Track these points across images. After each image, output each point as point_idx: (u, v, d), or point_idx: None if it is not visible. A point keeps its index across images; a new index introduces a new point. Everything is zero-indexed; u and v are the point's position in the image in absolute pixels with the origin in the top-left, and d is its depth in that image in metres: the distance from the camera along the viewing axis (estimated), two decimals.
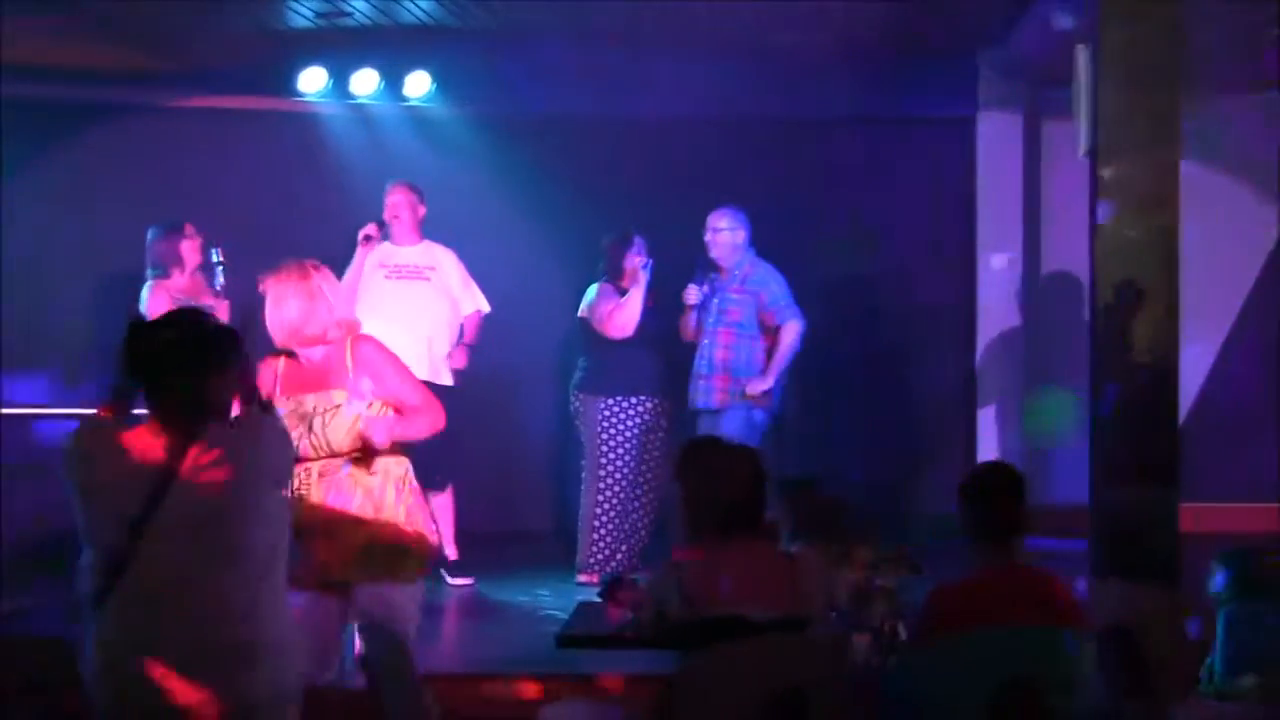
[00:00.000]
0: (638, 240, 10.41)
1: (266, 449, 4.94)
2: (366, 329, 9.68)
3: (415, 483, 6.70)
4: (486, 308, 10.67)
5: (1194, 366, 11.35)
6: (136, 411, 4.87)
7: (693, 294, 10.31)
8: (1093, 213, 7.57)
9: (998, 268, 12.26)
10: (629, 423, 10.30)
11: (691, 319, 10.39)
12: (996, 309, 12.24)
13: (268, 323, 6.59)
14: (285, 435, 5.20)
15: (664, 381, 10.40)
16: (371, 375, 6.57)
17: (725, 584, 5.35)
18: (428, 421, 6.60)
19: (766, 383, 10.12)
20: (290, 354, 6.59)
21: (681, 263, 10.39)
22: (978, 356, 12.25)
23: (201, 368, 4.84)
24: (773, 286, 10.25)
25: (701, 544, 5.50)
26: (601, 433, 10.31)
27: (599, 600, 6.19)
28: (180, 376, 4.81)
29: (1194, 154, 10.24)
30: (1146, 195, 7.48)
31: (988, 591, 5.63)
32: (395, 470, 6.62)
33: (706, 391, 10.23)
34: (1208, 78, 10.44)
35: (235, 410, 4.95)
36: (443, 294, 10.51)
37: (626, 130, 11.75)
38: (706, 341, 10.28)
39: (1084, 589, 6.64)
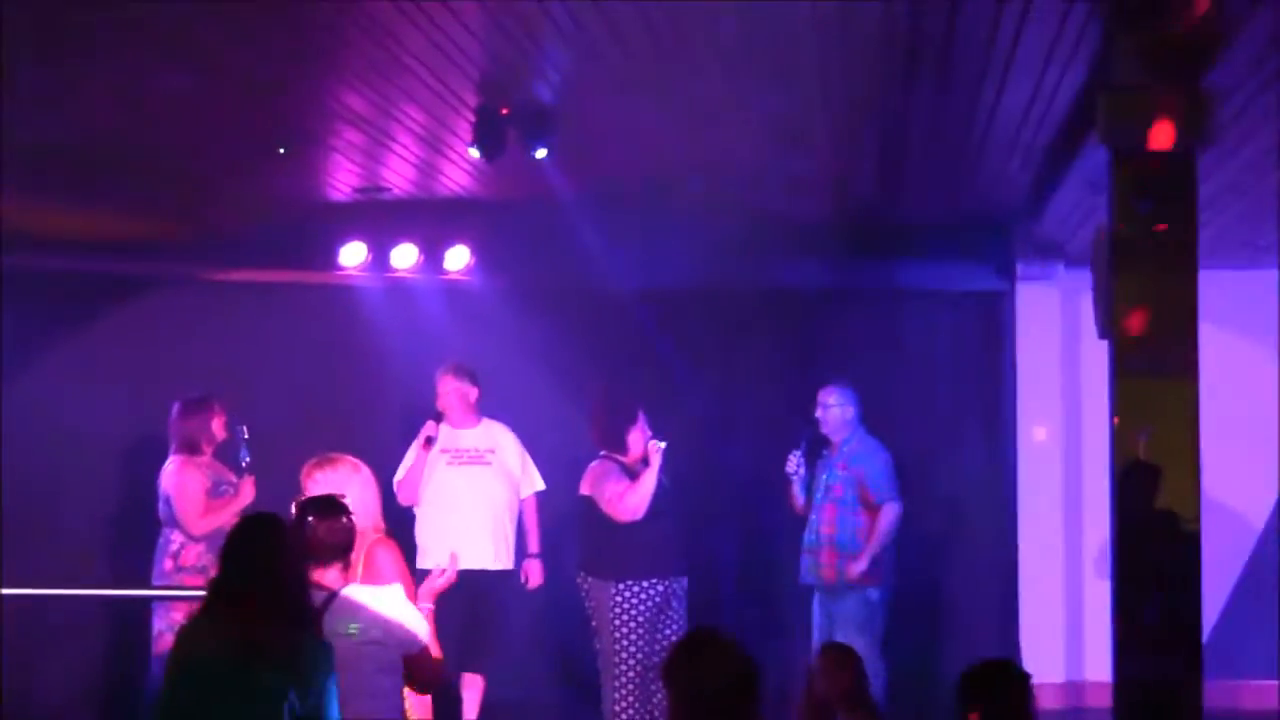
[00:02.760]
0: (641, 415, 10.07)
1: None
2: (430, 516, 9.82)
3: None
4: (542, 486, 10.66)
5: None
6: None
7: (791, 462, 10.31)
8: (1112, 393, 7.56)
9: (1039, 440, 12.23)
10: (642, 606, 9.80)
11: (796, 492, 10.40)
12: (1037, 483, 12.18)
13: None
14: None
15: (676, 559, 9.99)
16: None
17: None
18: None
19: (861, 564, 10.09)
20: None
21: (703, 436, 10.36)
22: (1019, 532, 12.17)
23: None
24: (874, 464, 10.23)
25: None
26: (615, 619, 9.82)
27: None
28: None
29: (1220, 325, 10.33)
30: (1163, 376, 7.44)
31: None
32: None
33: (814, 567, 10.24)
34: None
35: None
36: (503, 476, 10.51)
37: (648, 301, 11.76)
38: (814, 517, 10.29)
39: None
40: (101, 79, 8.19)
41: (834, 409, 10.34)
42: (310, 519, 6.16)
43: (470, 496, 10.37)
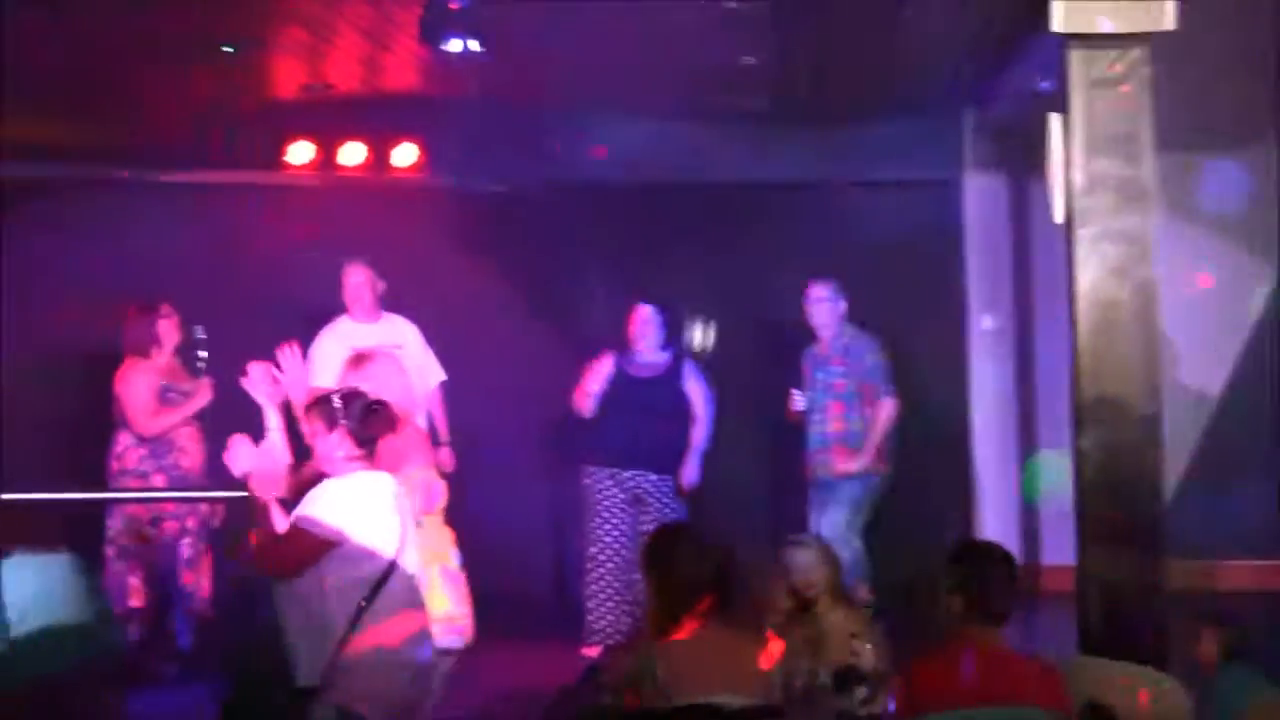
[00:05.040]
0: (643, 308, 10.33)
1: None
2: None
3: None
4: (443, 376, 10.63)
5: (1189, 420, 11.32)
6: None
7: (799, 401, 10.27)
8: (1070, 277, 7.54)
9: (988, 329, 12.22)
10: (614, 494, 10.13)
11: (797, 399, 10.34)
12: (988, 371, 12.19)
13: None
14: None
15: (657, 455, 10.21)
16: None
17: (696, 671, 5.25)
18: None
19: (862, 461, 10.14)
20: None
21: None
22: (973, 419, 12.19)
23: None
24: (870, 359, 10.25)
25: (671, 630, 5.41)
26: (594, 503, 10.20)
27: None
28: None
29: (1176, 212, 10.32)
30: (1121, 258, 7.43)
31: (969, 670, 5.52)
32: None
33: (825, 464, 10.23)
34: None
35: None
36: (411, 370, 10.49)
37: (603, 197, 11.72)
38: (817, 417, 10.26)
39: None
40: None
41: (826, 304, 10.32)
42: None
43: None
